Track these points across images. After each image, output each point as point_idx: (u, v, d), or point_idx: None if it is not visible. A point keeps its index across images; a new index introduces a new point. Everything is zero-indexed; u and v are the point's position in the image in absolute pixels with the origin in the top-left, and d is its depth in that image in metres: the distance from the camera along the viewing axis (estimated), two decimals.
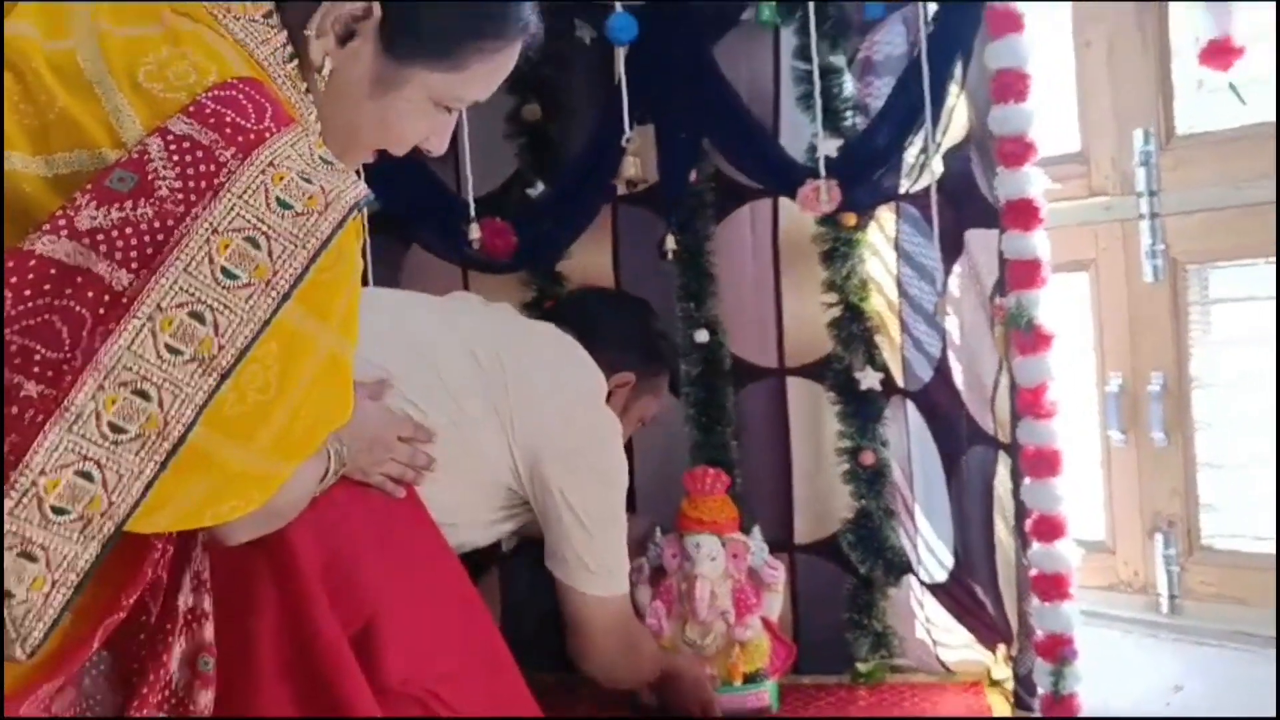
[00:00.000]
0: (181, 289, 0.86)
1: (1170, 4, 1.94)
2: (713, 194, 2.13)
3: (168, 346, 0.86)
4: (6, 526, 0.82)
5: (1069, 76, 2.09)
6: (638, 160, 1.93)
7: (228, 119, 0.89)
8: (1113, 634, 2.06)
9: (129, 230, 0.85)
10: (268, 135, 0.90)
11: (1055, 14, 2.08)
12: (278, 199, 0.89)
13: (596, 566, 1.64)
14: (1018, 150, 1.65)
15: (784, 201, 2.10)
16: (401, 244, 2.18)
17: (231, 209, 0.87)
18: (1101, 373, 2.09)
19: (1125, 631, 2.06)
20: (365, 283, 2.09)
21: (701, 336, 2.11)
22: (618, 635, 1.72)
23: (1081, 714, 1.71)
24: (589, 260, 2.24)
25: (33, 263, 0.83)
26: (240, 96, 0.90)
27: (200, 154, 0.87)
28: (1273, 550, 1.91)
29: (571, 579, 1.65)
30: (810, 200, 1.82)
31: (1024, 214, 1.65)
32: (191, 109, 0.89)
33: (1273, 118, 1.88)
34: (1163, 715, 1.93)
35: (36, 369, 0.83)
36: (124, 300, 0.84)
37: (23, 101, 0.88)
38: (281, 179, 0.89)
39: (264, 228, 0.89)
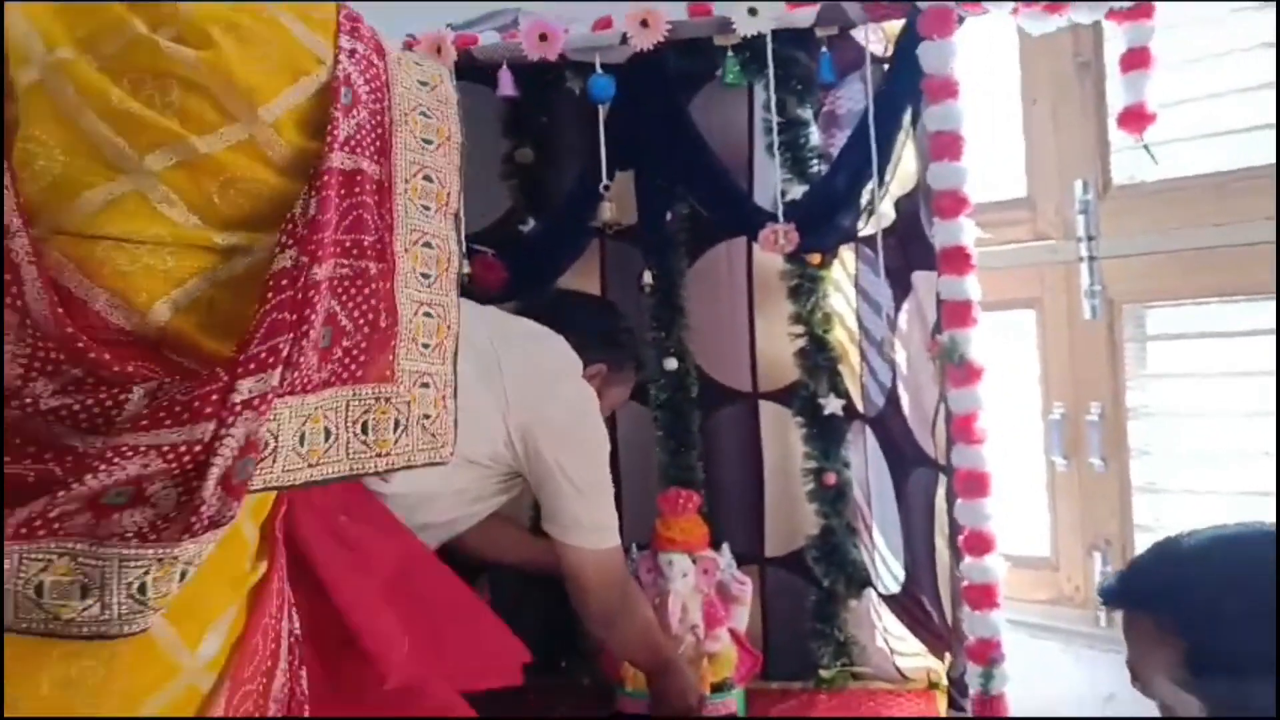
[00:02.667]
0: (410, 161, 1.12)
1: (1108, 69, 2.11)
2: (688, 234, 2.31)
3: (423, 206, 1.13)
4: (407, 368, 1.10)
5: (1017, 130, 2.26)
6: (614, 205, 2.10)
7: (361, 31, 1.08)
8: (1054, 645, 2.22)
9: (364, 131, 1.06)
10: (379, 37, 1.13)
11: (1006, 74, 2.26)
12: (418, 81, 1.15)
13: (589, 522, 1.78)
14: (952, 203, 1.81)
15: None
16: None
17: (402, 96, 1.12)
18: (1046, 402, 2.25)
19: (1066, 643, 2.21)
20: None
21: (670, 364, 2.29)
22: (613, 587, 1.85)
23: (1011, 714, 1.87)
24: (579, 289, 2.42)
25: (332, 178, 1.02)
26: (354, 12, 1.11)
27: (366, 61, 1.08)
28: None
29: (567, 536, 1.78)
30: (769, 242, 2.00)
31: (957, 260, 1.82)
32: (342, 25, 1.06)
33: (1199, 172, 2.05)
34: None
35: (369, 252, 1.05)
36: (384, 184, 1.08)
37: (246, 55, 0.99)
38: (410, 67, 1.15)
39: (425, 103, 1.14)
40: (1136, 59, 1.76)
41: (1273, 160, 1.95)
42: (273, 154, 0.99)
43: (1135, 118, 1.77)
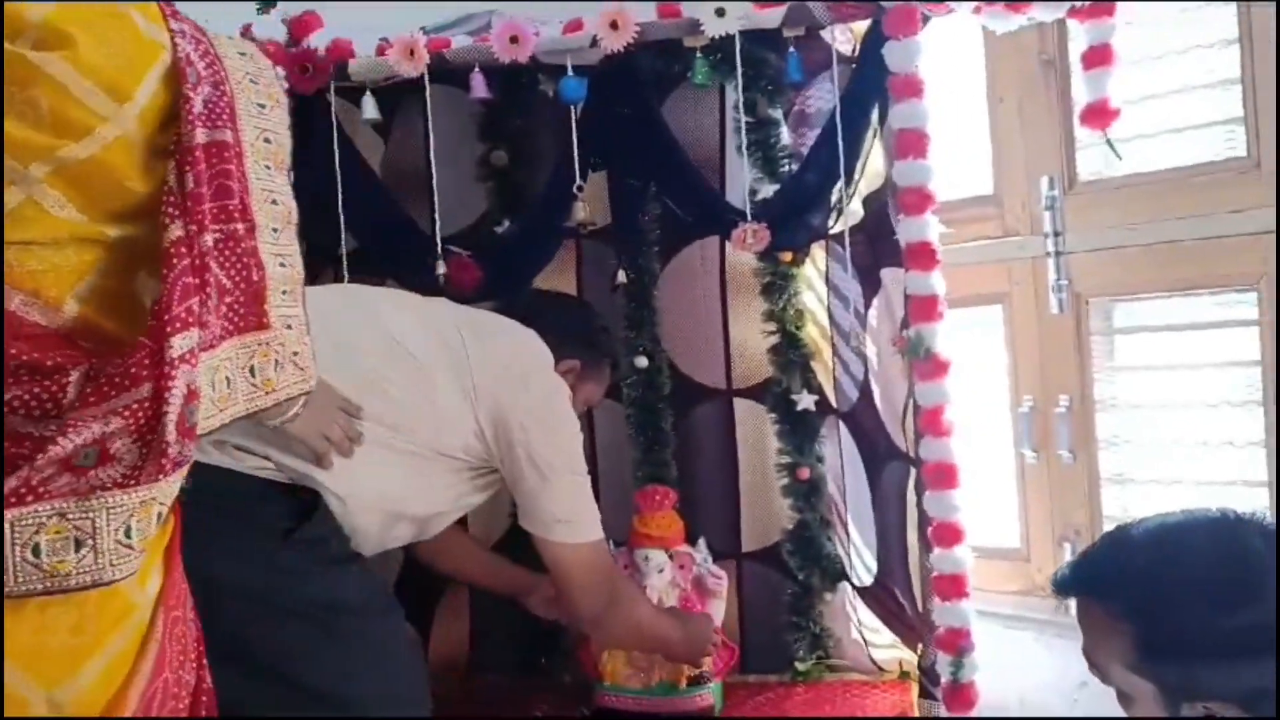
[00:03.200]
0: (253, 126, 1.22)
1: (1073, 66, 2.14)
2: (662, 233, 2.32)
3: (265, 166, 1.23)
4: (275, 314, 1.22)
5: (984, 128, 2.29)
6: (587, 205, 2.12)
7: (179, 14, 1.15)
8: (1026, 635, 2.25)
9: (213, 103, 1.14)
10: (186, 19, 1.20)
11: (973, 73, 2.29)
12: (238, 52, 1.25)
13: (564, 514, 1.73)
14: (917, 200, 1.84)
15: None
16: (377, 279, 2.30)
17: (233, 66, 1.21)
18: (1015, 395, 2.28)
19: (1038, 633, 2.24)
20: None
21: (641, 362, 2.31)
22: (598, 582, 1.79)
23: (986, 701, 1.89)
24: (556, 289, 2.44)
25: (199, 152, 1.11)
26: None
27: (195, 38, 1.16)
28: None
29: (544, 530, 1.73)
30: (740, 241, 2.02)
31: (923, 256, 1.85)
32: (165, 10, 1.12)
33: (1162, 167, 2.08)
34: (1070, 708, 2.11)
35: (236, 214, 1.17)
36: (238, 149, 1.18)
37: (101, 51, 1.06)
38: (222, 40, 1.23)
39: (250, 71, 1.24)
40: (1099, 56, 1.79)
41: (1232, 155, 1.99)
42: (144, 144, 1.07)
43: (1098, 114, 1.80)
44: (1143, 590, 1.17)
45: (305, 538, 1.55)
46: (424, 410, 1.67)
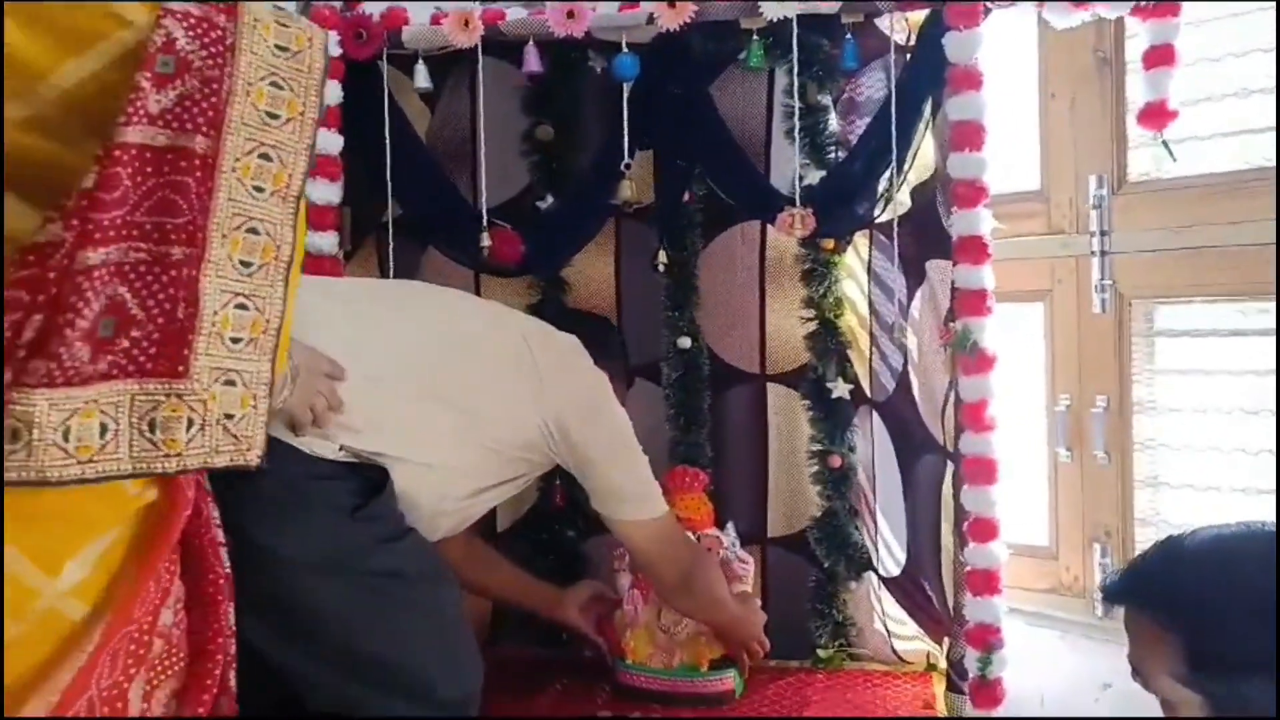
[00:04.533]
0: (247, 138, 1.04)
1: (1128, 65, 2.13)
2: (704, 215, 2.33)
3: (254, 188, 1.05)
4: (206, 364, 1.02)
5: (1035, 123, 2.27)
6: (633, 183, 2.11)
7: None
8: (1052, 634, 2.25)
9: (188, 103, 0.99)
10: None
11: (1025, 67, 2.27)
12: (275, 45, 1.07)
13: (633, 493, 1.84)
14: (971, 193, 1.83)
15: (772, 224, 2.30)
16: (419, 248, 2.36)
17: (250, 63, 1.04)
18: (1052, 394, 2.27)
19: (1064, 632, 2.24)
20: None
21: (684, 343, 2.32)
22: (671, 553, 1.91)
23: (1009, 699, 1.89)
24: (593, 268, 2.45)
25: (127, 154, 0.96)
26: None
27: (205, 25, 1.01)
28: None
29: (613, 511, 1.85)
30: (786, 226, 2.02)
31: (974, 249, 1.84)
32: None
33: (1214, 171, 2.07)
34: (1091, 708, 2.12)
35: (173, 235, 1.00)
36: (209, 160, 1.01)
37: (27, 29, 0.95)
38: (269, 29, 1.07)
39: (279, 71, 1.06)
40: (1161, 56, 1.77)
41: None
42: (61, 127, 0.95)
43: (1156, 114, 1.79)
44: (1194, 603, 1.17)
45: (370, 515, 1.58)
46: (499, 407, 1.74)
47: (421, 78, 2.13)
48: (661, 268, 2.26)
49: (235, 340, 1.05)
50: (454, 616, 1.70)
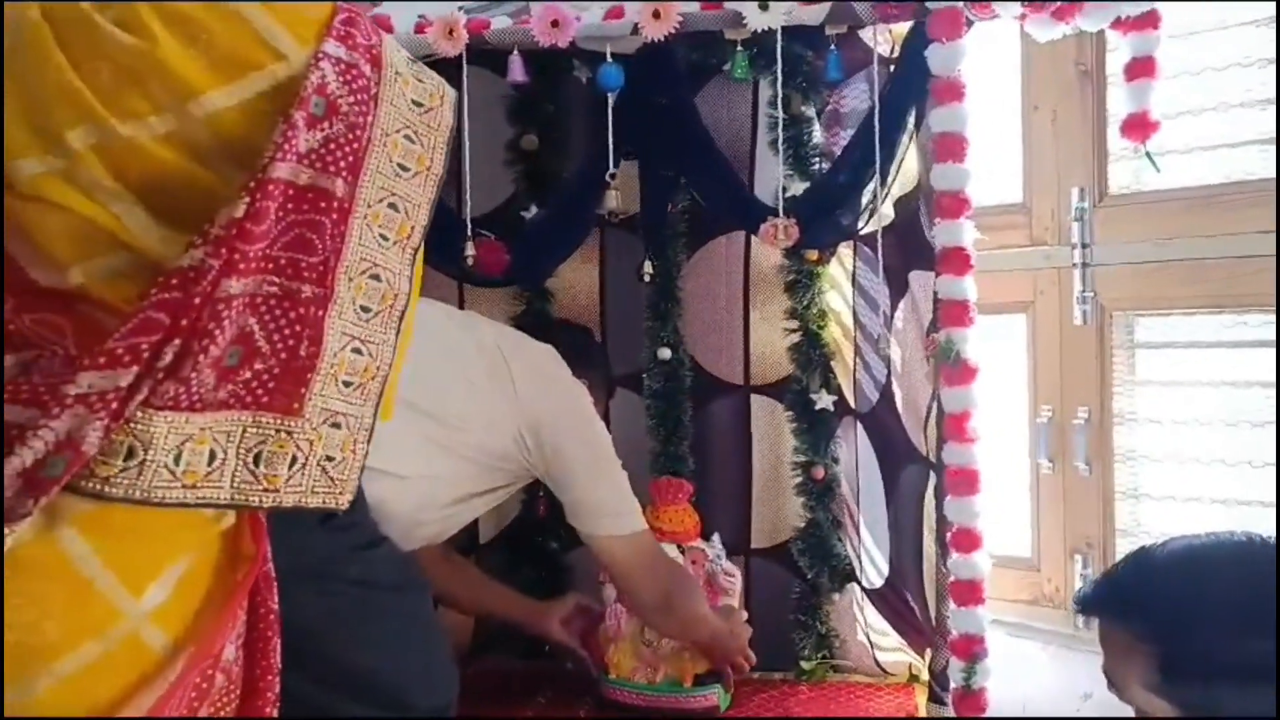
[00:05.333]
0: (379, 186, 1.05)
1: (1110, 78, 2.14)
2: (688, 225, 2.33)
3: (380, 235, 1.06)
4: (319, 404, 1.03)
5: (1017, 136, 2.29)
6: (619, 193, 2.11)
7: (356, 38, 1.04)
8: (1034, 644, 2.25)
9: (332, 145, 1.01)
10: (379, 47, 1.07)
11: (1008, 80, 2.28)
12: (412, 100, 1.08)
13: (612, 508, 1.81)
14: (954, 204, 1.84)
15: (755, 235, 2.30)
16: None
17: (389, 114, 1.06)
18: (1034, 406, 2.28)
19: (1045, 642, 2.25)
20: None
21: (664, 354, 2.32)
22: (650, 571, 1.87)
23: (990, 710, 1.90)
24: (577, 278, 2.44)
25: (276, 189, 0.97)
26: (355, 15, 1.06)
27: (354, 71, 1.03)
28: None
29: (590, 525, 1.82)
30: (770, 236, 2.02)
31: (957, 260, 1.84)
32: (332, 30, 1.02)
33: (1193, 184, 2.08)
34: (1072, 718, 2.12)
35: (306, 273, 1.00)
36: (345, 205, 1.02)
37: (187, 47, 0.96)
38: (407, 83, 1.08)
39: (412, 126, 1.08)
40: (1142, 68, 1.79)
41: (1265, 175, 1.99)
42: (203, 148, 0.96)
43: (1138, 126, 1.80)
44: (1167, 612, 1.17)
45: (341, 524, 1.55)
46: (474, 415, 1.74)
47: None
48: (647, 278, 2.26)
49: (347, 384, 1.05)
50: (427, 625, 1.68)
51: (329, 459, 1.06)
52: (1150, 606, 1.20)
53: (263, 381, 1.00)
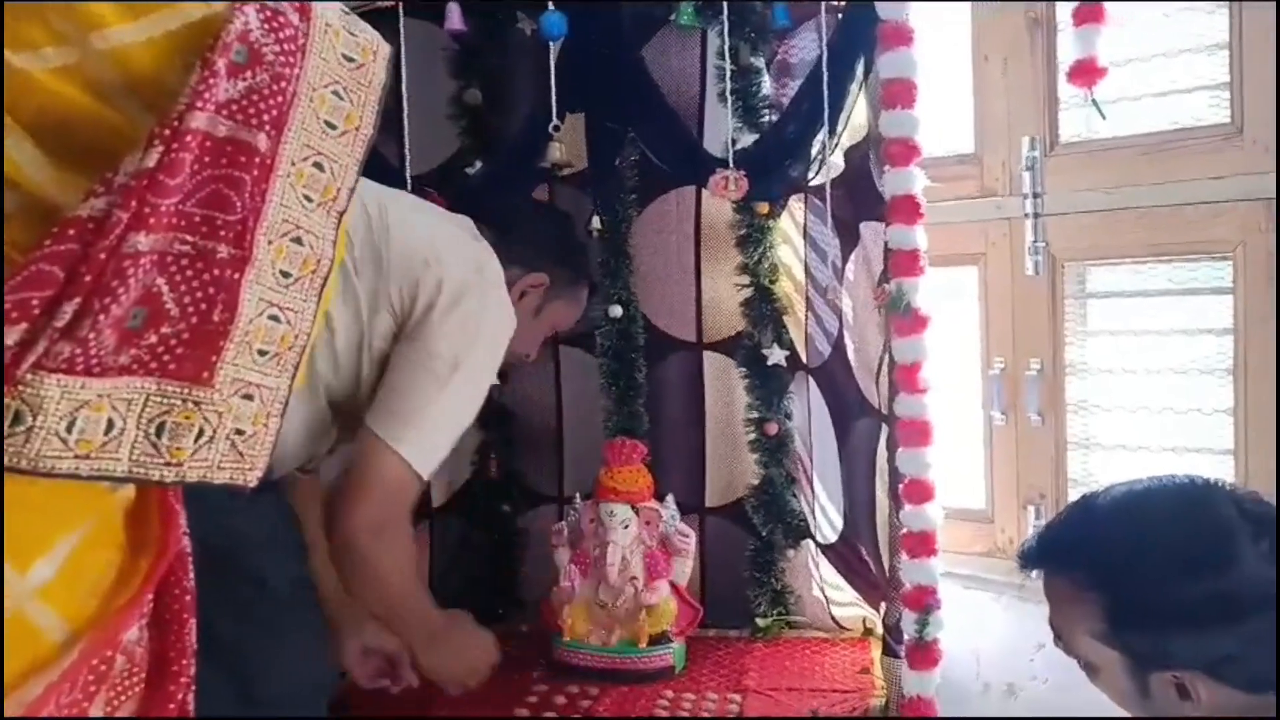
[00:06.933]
0: (305, 144, 0.99)
1: (1059, 25, 2.12)
2: (638, 179, 2.29)
3: (304, 196, 1.00)
4: (230, 374, 0.96)
5: (967, 86, 2.26)
6: (562, 145, 2.06)
7: None
8: (987, 596, 2.26)
9: (255, 97, 0.95)
10: None
11: (957, 29, 2.26)
12: (343, 54, 1.02)
13: (429, 431, 1.46)
14: (903, 151, 1.81)
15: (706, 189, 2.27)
16: None
17: (317, 68, 1.00)
18: (986, 357, 2.27)
19: (999, 594, 2.25)
20: None
21: (616, 311, 2.28)
22: (390, 510, 1.46)
23: (942, 660, 1.89)
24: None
25: (194, 140, 0.91)
26: None
27: (280, 20, 0.97)
28: None
29: (389, 432, 1.44)
30: (719, 188, 1.98)
31: (907, 209, 1.81)
32: None
33: (1144, 131, 2.07)
34: (1027, 668, 2.13)
35: (222, 232, 0.94)
36: (267, 161, 0.95)
37: None
38: (338, 36, 1.03)
39: (342, 81, 1.02)
40: (1090, 13, 1.75)
41: (1215, 121, 1.98)
42: (107, 85, 0.91)
43: (1086, 72, 1.76)
44: (1109, 559, 1.16)
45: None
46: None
47: None
48: (595, 233, 2.22)
49: (262, 353, 0.99)
50: (311, 630, 1.54)
51: (239, 432, 0.99)
52: (1093, 554, 1.19)
53: (170, 347, 0.93)
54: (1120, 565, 1.15)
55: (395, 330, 1.51)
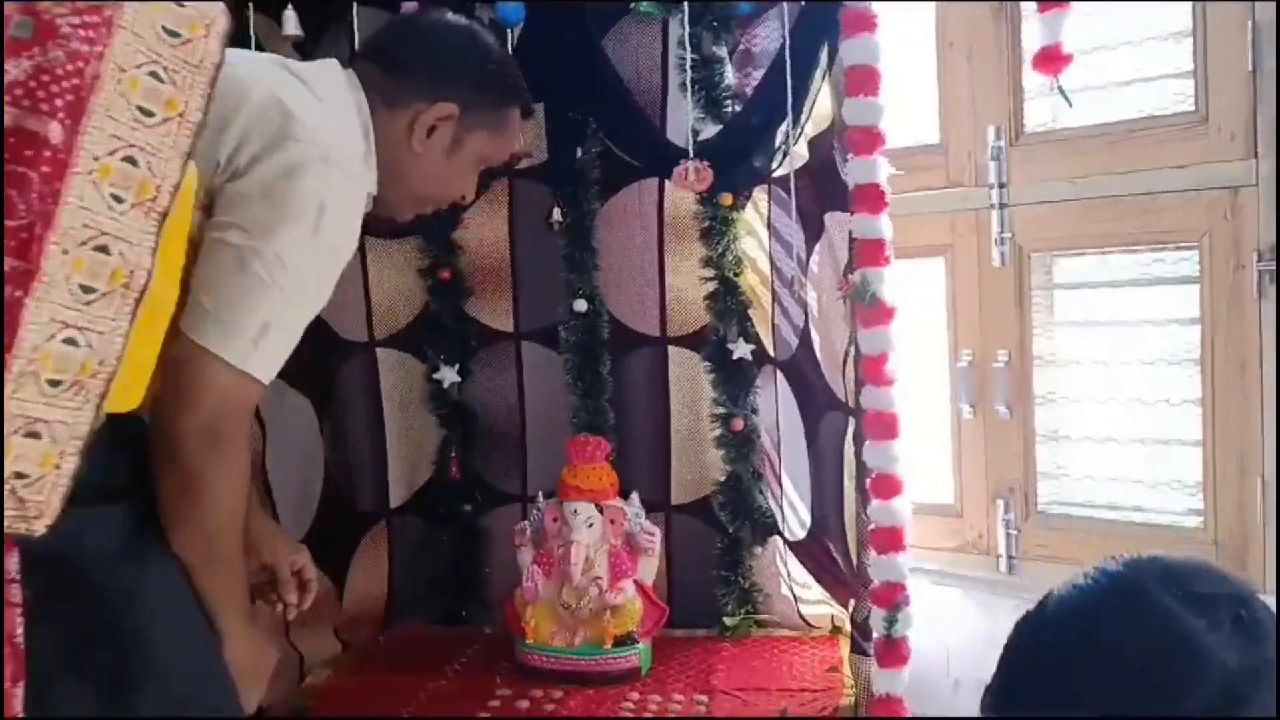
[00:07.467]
0: (111, 135, 0.85)
1: (1024, 13, 2.10)
2: (600, 171, 2.25)
3: (112, 196, 0.86)
4: (11, 409, 0.82)
5: (932, 74, 2.23)
6: (521, 136, 2.01)
7: None
8: (957, 592, 2.23)
9: (45, 78, 0.82)
10: None
11: (921, 16, 2.23)
12: (164, 28, 0.88)
13: (245, 324, 1.12)
14: (867, 140, 1.77)
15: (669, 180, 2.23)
16: None
17: (128, 44, 0.85)
18: (953, 350, 2.25)
19: (968, 589, 2.22)
20: None
21: (580, 306, 2.24)
22: (219, 422, 1.13)
23: (911, 657, 1.86)
24: (486, 230, 2.36)
25: None
26: None
27: None
28: (1099, 515, 2.09)
29: (200, 329, 1.10)
30: (682, 179, 1.95)
31: (871, 198, 1.78)
32: None
33: (1110, 120, 2.05)
34: (994, 665, 2.10)
35: (5, 243, 0.80)
36: (61, 155, 0.82)
37: None
38: (158, 5, 0.88)
39: (162, 60, 0.88)
40: None
41: (1180, 109, 1.96)
42: None
43: (1051, 59, 1.74)
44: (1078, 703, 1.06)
45: None
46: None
47: (291, 24, 2.01)
48: (556, 226, 2.18)
49: (54, 383, 0.85)
50: (196, 642, 1.23)
51: (21, 476, 0.85)
52: (1059, 696, 1.07)
53: None
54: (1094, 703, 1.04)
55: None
